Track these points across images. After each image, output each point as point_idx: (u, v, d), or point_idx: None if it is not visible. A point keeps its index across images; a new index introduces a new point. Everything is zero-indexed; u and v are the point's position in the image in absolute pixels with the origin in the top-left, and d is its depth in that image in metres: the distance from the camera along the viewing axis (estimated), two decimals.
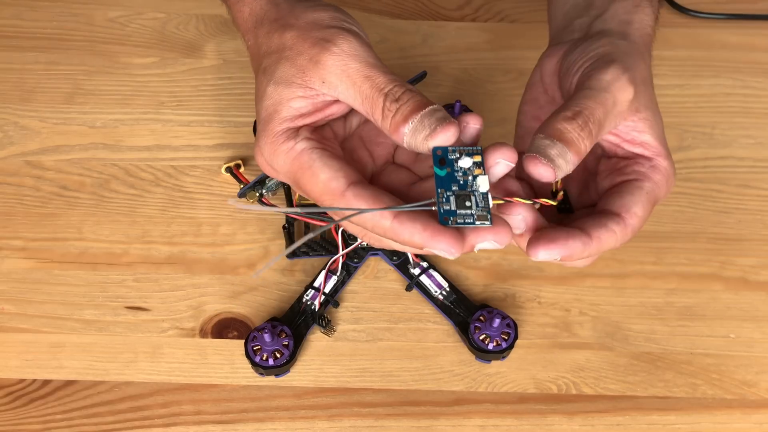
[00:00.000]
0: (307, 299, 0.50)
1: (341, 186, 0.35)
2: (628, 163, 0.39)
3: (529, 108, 0.43)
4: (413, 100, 0.36)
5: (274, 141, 0.37)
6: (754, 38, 0.63)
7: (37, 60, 0.60)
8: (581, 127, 0.35)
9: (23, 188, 0.55)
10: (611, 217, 0.37)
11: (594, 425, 0.48)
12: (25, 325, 0.50)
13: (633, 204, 0.37)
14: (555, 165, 0.34)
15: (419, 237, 0.33)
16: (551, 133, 0.35)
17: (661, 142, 0.39)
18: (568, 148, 0.35)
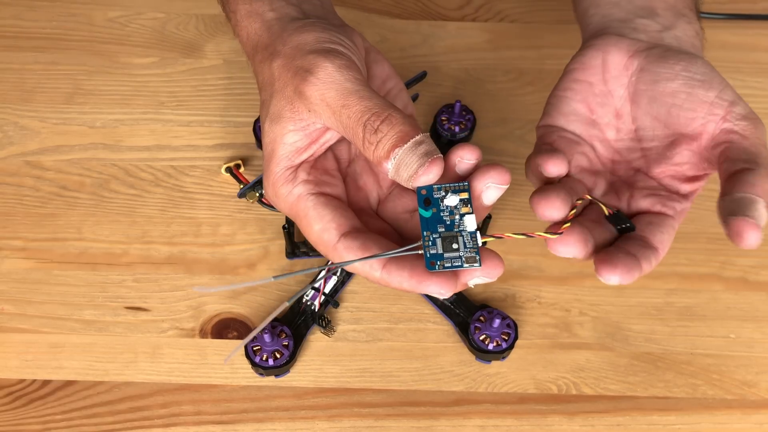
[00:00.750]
0: (307, 299, 0.50)
1: (333, 239, 0.35)
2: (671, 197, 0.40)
3: (583, 88, 0.41)
4: (393, 132, 0.34)
5: (275, 183, 0.37)
6: (754, 38, 0.63)
7: (37, 60, 0.60)
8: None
9: (23, 188, 0.55)
10: (653, 251, 0.38)
11: (594, 425, 0.48)
12: (25, 325, 0.50)
13: (666, 241, 0.39)
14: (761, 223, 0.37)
15: (408, 284, 0.34)
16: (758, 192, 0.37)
17: None
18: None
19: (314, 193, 0.37)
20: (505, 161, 0.56)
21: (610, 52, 0.41)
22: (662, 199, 0.40)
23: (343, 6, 0.63)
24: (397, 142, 0.34)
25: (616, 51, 0.41)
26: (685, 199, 0.41)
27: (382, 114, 0.34)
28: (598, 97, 0.41)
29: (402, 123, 0.34)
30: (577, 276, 0.52)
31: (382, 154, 0.34)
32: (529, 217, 0.54)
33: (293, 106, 0.37)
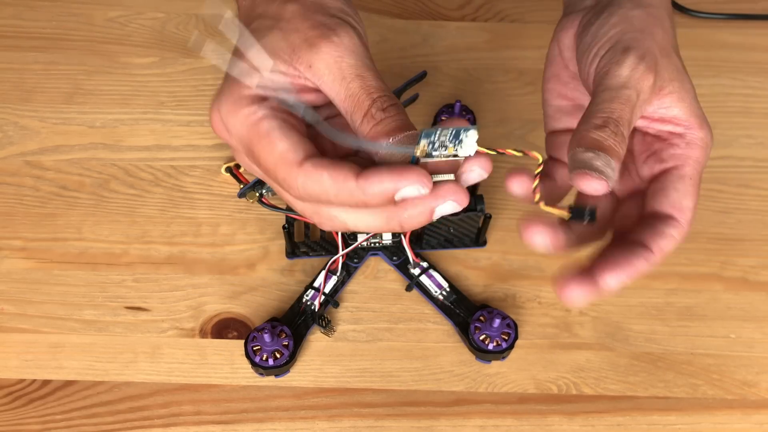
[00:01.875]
0: (307, 299, 0.50)
1: (299, 157, 0.33)
2: (663, 146, 0.39)
3: (553, 86, 0.42)
4: (399, 118, 0.34)
5: (237, 102, 0.35)
6: (754, 38, 0.63)
7: (37, 60, 0.60)
8: (614, 132, 0.35)
9: (23, 188, 0.55)
10: (665, 221, 0.37)
11: (594, 425, 0.48)
12: (25, 325, 0.50)
13: (682, 199, 0.37)
14: (606, 176, 0.34)
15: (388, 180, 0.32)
16: (590, 144, 0.34)
17: (692, 112, 0.38)
18: (610, 156, 0.34)
19: (281, 119, 0.35)
20: (506, 161, 0.56)
21: (559, 38, 0.41)
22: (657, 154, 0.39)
23: None
24: (400, 126, 0.34)
25: (564, 34, 0.41)
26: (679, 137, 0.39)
27: (392, 99, 0.35)
28: (569, 84, 0.41)
29: (405, 114, 0.35)
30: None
31: (381, 130, 0.34)
32: None
33: (294, 53, 0.36)
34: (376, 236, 0.51)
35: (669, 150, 0.38)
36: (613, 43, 0.37)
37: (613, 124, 0.35)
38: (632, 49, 0.37)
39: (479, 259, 0.53)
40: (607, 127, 0.34)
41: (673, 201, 0.37)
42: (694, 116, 0.38)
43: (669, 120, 0.38)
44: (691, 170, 0.38)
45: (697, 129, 0.39)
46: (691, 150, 0.38)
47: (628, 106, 0.35)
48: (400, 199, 0.32)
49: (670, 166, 0.38)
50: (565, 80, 0.42)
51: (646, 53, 0.37)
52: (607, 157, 0.34)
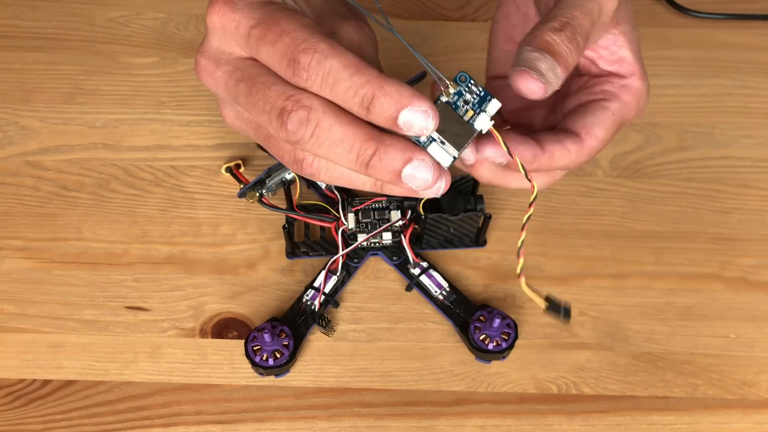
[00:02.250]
0: (307, 299, 0.50)
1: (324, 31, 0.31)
2: (598, 82, 0.37)
3: (502, 27, 0.41)
4: None
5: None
6: (754, 38, 0.63)
7: (37, 60, 0.60)
8: (570, 39, 0.33)
9: (23, 188, 0.55)
10: (569, 135, 0.35)
11: (594, 425, 0.48)
12: (25, 325, 0.50)
13: (595, 125, 0.36)
14: (546, 79, 0.32)
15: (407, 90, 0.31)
16: (539, 45, 0.33)
17: (638, 60, 0.37)
18: (557, 61, 0.32)
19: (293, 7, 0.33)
20: None
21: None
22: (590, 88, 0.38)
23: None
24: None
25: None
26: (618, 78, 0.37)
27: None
28: (518, 27, 0.40)
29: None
30: (577, 276, 0.52)
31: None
32: None
33: None
34: (377, 236, 0.51)
35: (602, 86, 0.37)
36: None
37: (571, 29, 0.33)
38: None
39: (479, 259, 0.53)
40: (563, 32, 0.33)
41: (585, 123, 0.35)
42: (639, 64, 0.37)
43: (616, 60, 0.37)
44: (615, 107, 0.36)
45: (639, 78, 0.37)
46: (624, 92, 0.37)
47: (589, 16, 0.34)
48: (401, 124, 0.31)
49: (598, 98, 0.37)
50: (514, 22, 0.40)
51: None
52: (554, 62, 0.32)
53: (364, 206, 0.52)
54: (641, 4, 0.65)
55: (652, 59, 0.61)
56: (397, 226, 0.52)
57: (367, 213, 0.52)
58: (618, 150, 0.57)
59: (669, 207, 0.55)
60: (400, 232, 0.52)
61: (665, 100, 0.60)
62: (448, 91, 0.33)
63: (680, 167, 0.57)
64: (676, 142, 0.58)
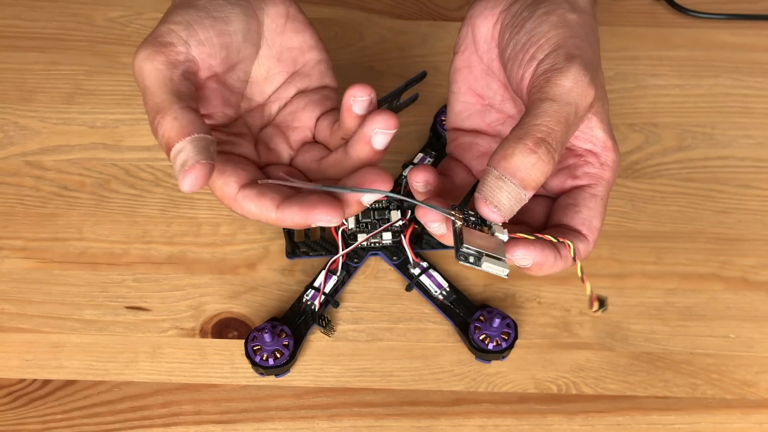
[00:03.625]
0: (307, 299, 0.50)
1: (233, 191, 0.36)
2: (578, 163, 0.38)
3: (463, 78, 0.41)
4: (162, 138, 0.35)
5: None
6: (754, 38, 0.63)
7: (37, 60, 0.60)
8: (543, 161, 0.33)
9: (23, 188, 0.55)
10: (575, 235, 0.37)
11: (594, 425, 0.48)
12: (25, 325, 0.50)
13: (592, 218, 0.37)
14: (503, 210, 0.33)
15: (299, 216, 0.34)
16: (507, 170, 0.33)
17: (609, 134, 0.37)
18: (523, 186, 0.33)
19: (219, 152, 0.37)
20: None
21: (475, 25, 0.39)
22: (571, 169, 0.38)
23: (343, 6, 0.63)
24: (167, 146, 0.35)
25: (481, 22, 0.39)
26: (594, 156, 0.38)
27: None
28: (481, 80, 0.40)
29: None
30: (577, 276, 0.52)
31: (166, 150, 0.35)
32: None
33: None
34: (377, 236, 0.51)
35: (583, 168, 0.38)
36: (554, 47, 0.35)
37: (545, 148, 0.33)
38: (577, 57, 0.34)
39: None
40: (536, 153, 0.33)
41: (584, 219, 0.37)
42: (610, 138, 0.38)
43: (588, 139, 0.37)
44: (602, 191, 0.38)
45: (611, 151, 0.38)
46: (604, 171, 0.38)
47: (566, 125, 0.34)
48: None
49: (584, 183, 0.38)
50: (476, 74, 0.40)
51: (589, 64, 0.35)
52: (519, 189, 0.33)
53: None
54: (641, 4, 0.65)
55: (652, 59, 0.62)
56: (397, 226, 0.52)
57: (367, 213, 0.52)
58: None
59: (669, 207, 0.55)
60: (400, 232, 0.52)
61: (665, 100, 0.60)
62: (459, 217, 0.35)
63: (680, 167, 0.57)
64: (676, 142, 0.58)
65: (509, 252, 0.35)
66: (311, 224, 0.35)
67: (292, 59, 0.41)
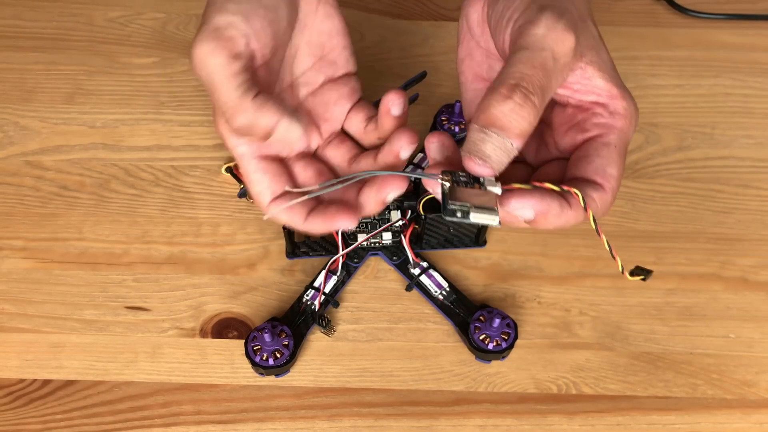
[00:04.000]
0: (307, 299, 0.50)
1: (266, 200, 0.39)
2: (586, 116, 0.37)
3: (467, 66, 0.41)
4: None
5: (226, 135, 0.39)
6: (754, 38, 0.63)
7: (37, 60, 0.60)
8: (521, 104, 0.32)
9: (23, 188, 0.55)
10: (588, 183, 0.35)
11: (594, 425, 0.48)
12: (25, 325, 0.50)
13: (606, 165, 0.35)
14: (492, 162, 0.33)
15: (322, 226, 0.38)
16: (486, 121, 0.33)
17: (614, 81, 0.36)
18: (507, 135, 0.33)
19: (256, 157, 0.39)
20: None
21: (467, 14, 0.40)
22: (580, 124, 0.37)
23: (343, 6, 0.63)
24: None
25: (471, 9, 0.40)
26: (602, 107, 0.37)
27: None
28: (483, 64, 0.40)
29: None
30: (577, 276, 0.52)
31: None
32: None
33: None
34: (377, 236, 0.51)
35: (592, 120, 0.37)
36: (527, 4, 0.35)
37: (521, 93, 0.32)
38: (549, 7, 0.34)
39: (479, 259, 0.53)
40: (512, 99, 0.32)
41: (597, 167, 0.35)
42: (616, 86, 0.36)
43: (590, 90, 0.36)
44: (615, 138, 0.36)
45: (620, 99, 0.36)
46: (615, 119, 0.36)
47: (542, 70, 0.33)
48: None
49: (594, 134, 0.36)
50: (478, 60, 0.40)
51: (565, 12, 0.34)
52: (501, 139, 0.33)
53: None
54: (641, 4, 0.65)
55: (652, 59, 0.62)
56: (397, 226, 0.52)
57: None
58: None
59: (669, 207, 0.55)
60: (400, 232, 0.52)
61: (665, 100, 0.60)
62: (446, 178, 0.34)
63: (680, 167, 0.57)
64: (676, 142, 0.58)
65: (505, 205, 0.34)
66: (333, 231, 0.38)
67: (320, 44, 0.41)
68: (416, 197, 0.50)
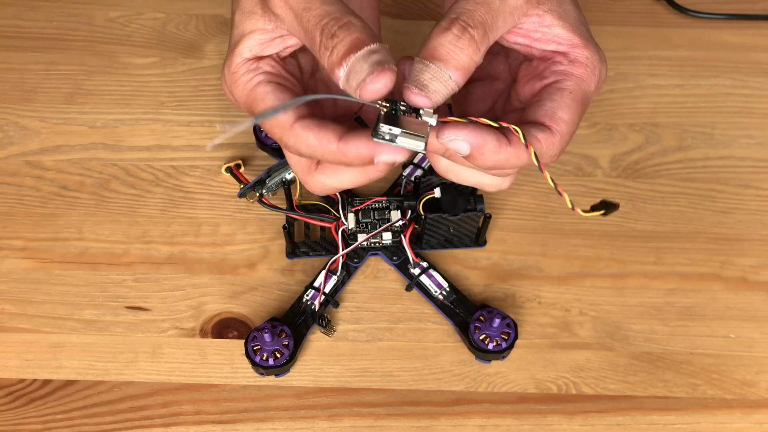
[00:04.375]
0: (307, 299, 0.50)
1: (290, 119, 0.35)
2: (547, 65, 0.37)
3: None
4: (349, 39, 0.33)
5: (235, 72, 0.37)
6: (754, 38, 0.63)
7: (37, 60, 0.60)
8: (458, 36, 0.33)
9: (23, 188, 0.55)
10: (535, 125, 0.35)
11: (594, 425, 0.48)
12: (25, 325, 0.50)
13: (557, 109, 0.35)
14: (428, 91, 0.33)
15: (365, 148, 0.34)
16: (426, 53, 0.33)
17: (576, 32, 0.36)
18: (444, 66, 0.33)
19: (274, 82, 0.37)
20: None
21: None
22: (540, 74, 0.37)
23: None
24: (351, 48, 0.33)
25: None
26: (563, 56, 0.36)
27: (341, 19, 0.34)
28: None
29: (360, 30, 0.33)
30: (577, 276, 0.52)
31: (335, 60, 0.33)
32: (529, 217, 0.55)
33: (263, 7, 0.36)
34: (377, 236, 0.51)
35: (551, 68, 0.36)
36: None
37: (459, 26, 0.33)
38: None
39: (479, 259, 0.53)
40: (450, 31, 0.33)
41: (547, 110, 0.35)
42: (578, 35, 0.36)
43: (551, 39, 0.36)
44: (571, 84, 0.36)
45: (582, 48, 0.36)
46: (574, 67, 0.36)
47: (485, 6, 0.33)
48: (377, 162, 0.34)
49: (551, 81, 0.36)
50: None
51: None
52: (439, 69, 0.33)
53: (364, 206, 0.52)
54: (641, 4, 0.65)
55: (652, 59, 0.62)
56: (397, 226, 0.52)
57: (367, 213, 0.52)
58: (618, 150, 0.57)
59: (669, 207, 0.55)
60: (400, 232, 0.52)
61: (665, 100, 0.60)
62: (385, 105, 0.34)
63: (680, 167, 0.57)
64: (676, 142, 0.58)
65: (440, 136, 0.34)
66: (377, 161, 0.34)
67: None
68: (416, 197, 0.50)
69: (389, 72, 0.32)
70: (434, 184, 0.50)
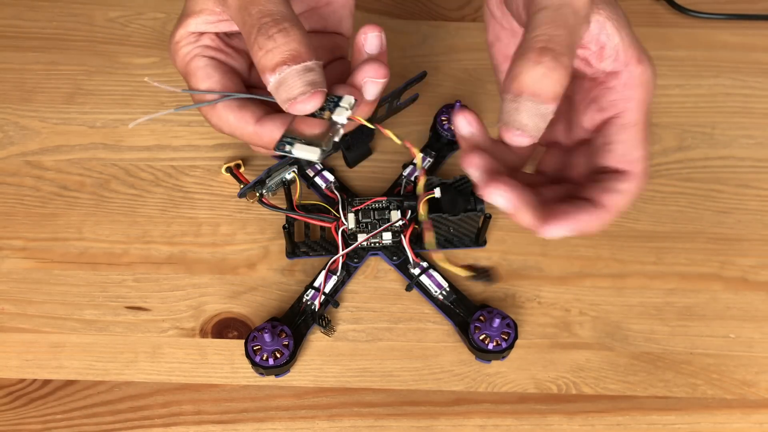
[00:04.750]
0: (307, 299, 0.50)
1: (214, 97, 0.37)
2: (601, 92, 0.35)
3: (497, 50, 0.40)
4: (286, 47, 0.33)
5: (178, 42, 0.39)
6: (754, 38, 0.63)
7: (37, 60, 0.60)
8: (552, 68, 0.31)
9: (23, 188, 0.55)
10: (614, 176, 0.34)
11: (594, 425, 0.48)
12: (25, 325, 0.50)
13: (629, 151, 0.35)
14: (529, 131, 0.32)
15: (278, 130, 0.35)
16: (519, 90, 0.32)
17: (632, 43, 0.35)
18: (542, 100, 0.31)
19: (208, 56, 0.38)
20: None
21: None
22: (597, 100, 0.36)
23: None
24: (287, 59, 0.33)
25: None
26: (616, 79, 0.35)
27: (281, 23, 0.34)
28: (511, 45, 0.39)
29: (298, 41, 0.33)
30: (577, 276, 0.52)
31: (268, 64, 0.33)
32: None
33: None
34: (377, 236, 0.51)
35: (607, 96, 0.35)
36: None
37: (551, 55, 0.31)
38: None
39: (479, 259, 0.53)
40: (542, 63, 0.31)
41: (620, 155, 0.35)
42: (633, 47, 0.35)
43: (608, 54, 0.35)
44: (633, 116, 0.35)
45: (636, 63, 0.35)
46: (629, 91, 0.35)
47: (565, 28, 0.32)
48: None
49: (611, 115, 0.35)
50: (506, 41, 0.40)
51: None
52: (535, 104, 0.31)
53: (364, 206, 0.52)
54: (641, 4, 0.65)
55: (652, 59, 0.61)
56: (397, 226, 0.52)
57: (367, 213, 0.52)
58: None
59: (669, 207, 0.55)
60: (400, 232, 0.52)
61: (665, 100, 0.60)
62: None
63: (680, 167, 0.57)
64: (676, 142, 0.58)
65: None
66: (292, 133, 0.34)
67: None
68: (416, 197, 0.50)
69: (320, 95, 0.33)
70: (434, 184, 0.50)
